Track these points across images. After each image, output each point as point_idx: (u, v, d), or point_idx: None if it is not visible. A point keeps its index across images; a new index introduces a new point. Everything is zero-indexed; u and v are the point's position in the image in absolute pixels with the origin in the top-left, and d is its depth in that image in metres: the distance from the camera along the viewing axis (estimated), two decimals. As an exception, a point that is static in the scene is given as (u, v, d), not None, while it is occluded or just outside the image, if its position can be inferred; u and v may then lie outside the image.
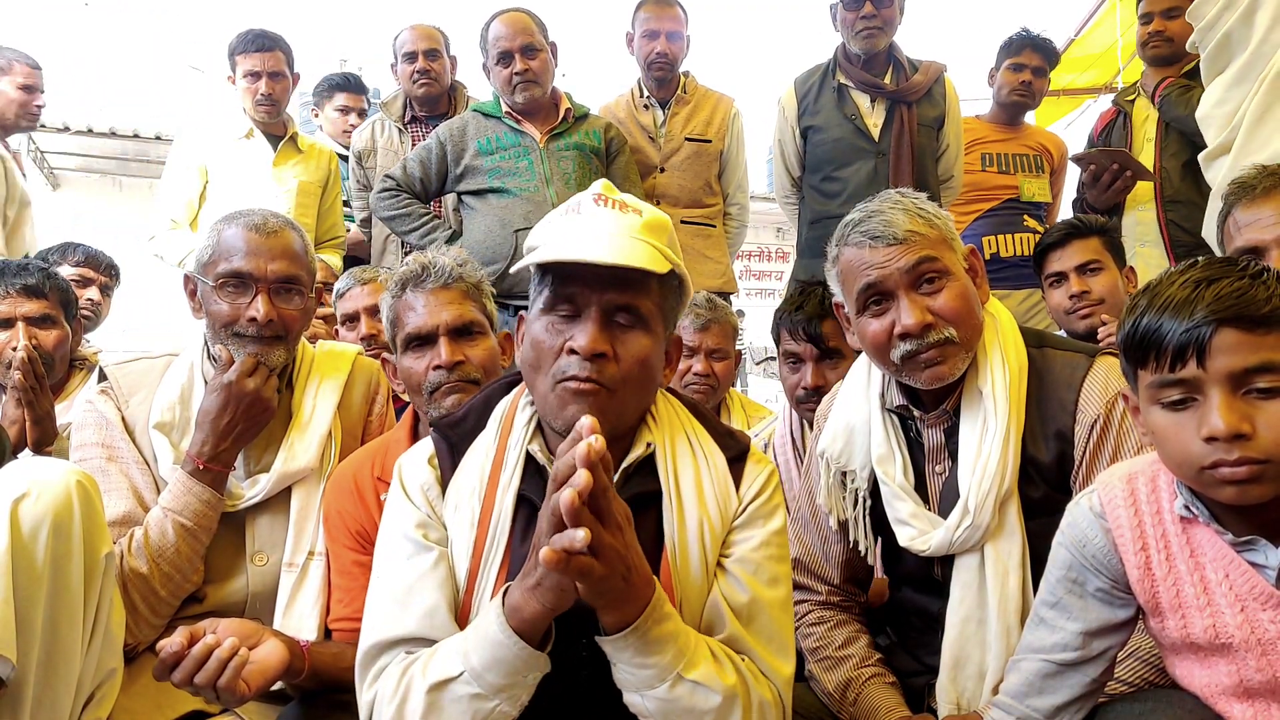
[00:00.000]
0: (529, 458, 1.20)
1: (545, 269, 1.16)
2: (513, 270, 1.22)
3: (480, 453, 1.22)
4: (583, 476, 0.93)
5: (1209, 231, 2.03)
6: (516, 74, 2.94)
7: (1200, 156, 2.12)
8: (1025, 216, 3.42)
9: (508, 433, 1.23)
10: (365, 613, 1.19)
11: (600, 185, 1.21)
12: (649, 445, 1.21)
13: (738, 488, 1.23)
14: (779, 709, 1.16)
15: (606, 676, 1.09)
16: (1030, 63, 3.45)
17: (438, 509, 1.21)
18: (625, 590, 1.01)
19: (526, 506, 1.18)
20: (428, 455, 1.25)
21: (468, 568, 1.17)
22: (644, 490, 1.19)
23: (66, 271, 2.82)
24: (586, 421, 0.96)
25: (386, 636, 1.13)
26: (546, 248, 1.14)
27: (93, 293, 2.97)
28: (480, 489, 1.19)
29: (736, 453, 1.26)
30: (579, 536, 0.92)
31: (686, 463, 1.22)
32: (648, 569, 1.05)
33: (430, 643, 1.12)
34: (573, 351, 1.12)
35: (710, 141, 3.29)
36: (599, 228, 1.15)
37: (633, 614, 1.02)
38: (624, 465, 1.19)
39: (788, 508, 1.39)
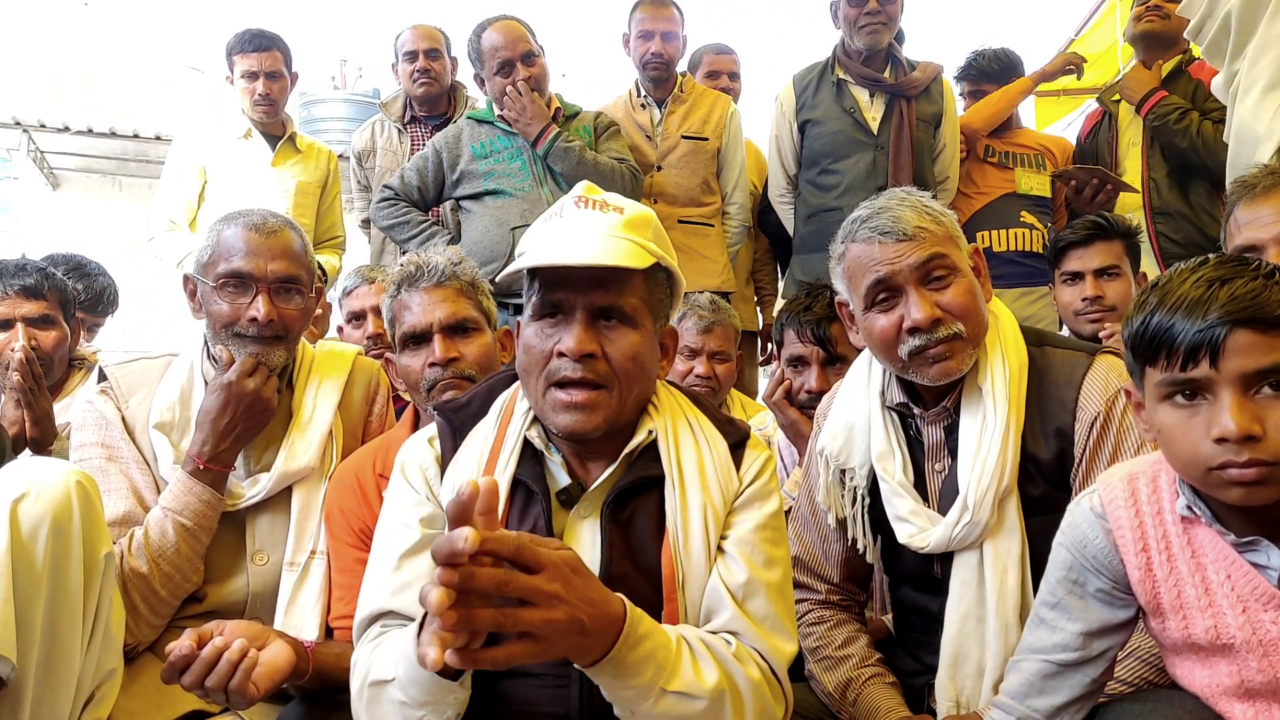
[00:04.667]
0: (526, 443, 1.23)
1: (533, 276, 1.19)
2: (498, 278, 1.25)
3: (480, 437, 1.25)
4: (441, 592, 0.82)
5: (1235, 160, 2.00)
6: (522, 82, 2.94)
7: (1214, 84, 2.09)
8: (1023, 212, 3.37)
9: (508, 420, 1.25)
10: (362, 586, 1.24)
11: (582, 187, 1.23)
12: (650, 432, 1.22)
13: (738, 471, 1.25)
14: (771, 685, 1.15)
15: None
16: (970, 88, 3.55)
17: (435, 489, 1.24)
18: (584, 641, 0.95)
19: (523, 490, 1.21)
20: (429, 436, 1.29)
21: None
22: (647, 475, 1.21)
23: None
24: (467, 489, 0.86)
25: (373, 609, 1.18)
26: (529, 254, 1.17)
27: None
28: (477, 472, 1.21)
29: (737, 439, 1.28)
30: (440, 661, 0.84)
31: (689, 447, 1.23)
32: (611, 602, 0.99)
33: (405, 618, 1.16)
34: (562, 354, 1.15)
35: (707, 140, 3.29)
36: (580, 229, 1.17)
37: (600, 652, 0.98)
38: (625, 452, 1.20)
39: None
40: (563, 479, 1.22)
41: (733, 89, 3.73)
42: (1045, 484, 1.41)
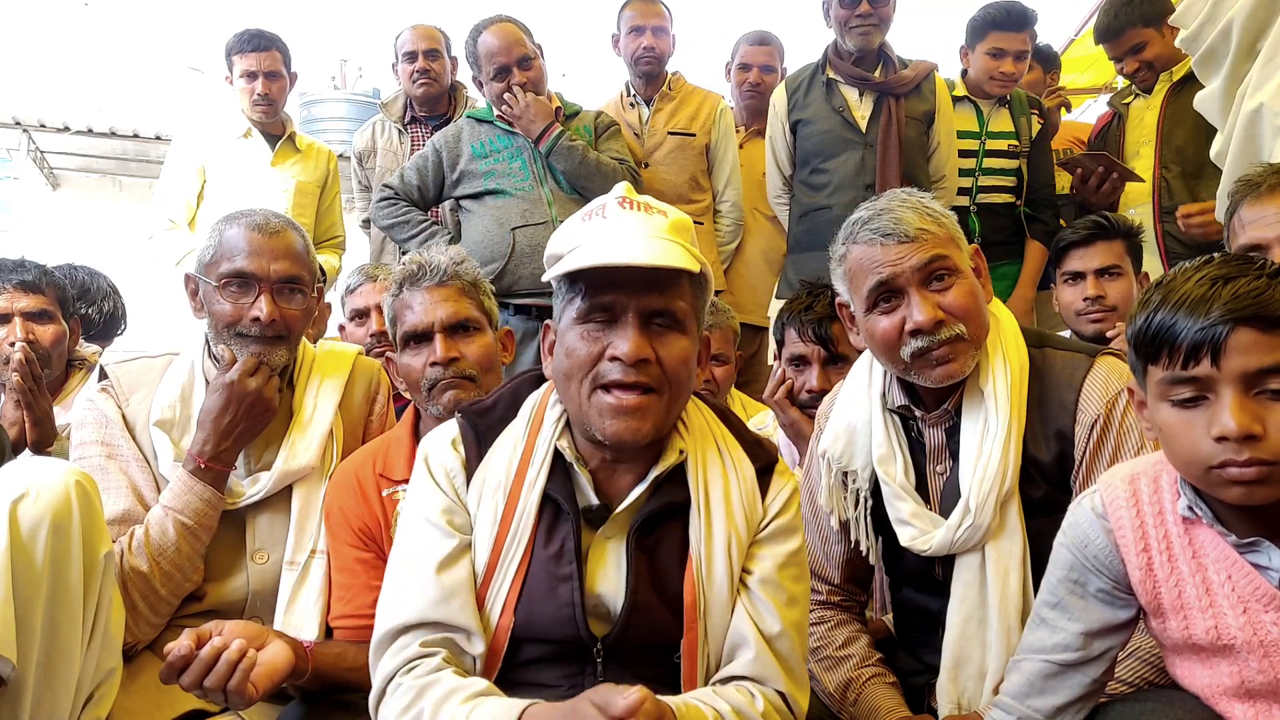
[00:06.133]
0: (556, 454, 1.19)
1: (575, 276, 1.14)
2: (544, 278, 1.20)
3: (508, 446, 1.21)
4: None
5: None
6: (518, 86, 2.94)
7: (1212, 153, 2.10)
8: None
9: (537, 429, 1.22)
10: (385, 591, 1.19)
11: (623, 188, 1.21)
12: (681, 453, 1.20)
13: (764, 499, 1.23)
14: None
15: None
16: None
17: (462, 495, 1.21)
18: None
19: (551, 505, 1.19)
20: (452, 438, 1.25)
21: (486, 561, 1.17)
22: (674, 500, 1.19)
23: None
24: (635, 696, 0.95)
25: (406, 620, 1.14)
26: (578, 254, 1.13)
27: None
28: (506, 484, 1.19)
29: (765, 464, 1.26)
30: None
31: (716, 473, 1.21)
32: None
33: (449, 628, 1.13)
34: (614, 358, 1.11)
35: (694, 136, 3.29)
36: (628, 230, 1.14)
37: None
38: (655, 475, 1.18)
39: None
40: (589, 495, 1.20)
41: (764, 82, 3.55)
42: (1046, 486, 1.41)
